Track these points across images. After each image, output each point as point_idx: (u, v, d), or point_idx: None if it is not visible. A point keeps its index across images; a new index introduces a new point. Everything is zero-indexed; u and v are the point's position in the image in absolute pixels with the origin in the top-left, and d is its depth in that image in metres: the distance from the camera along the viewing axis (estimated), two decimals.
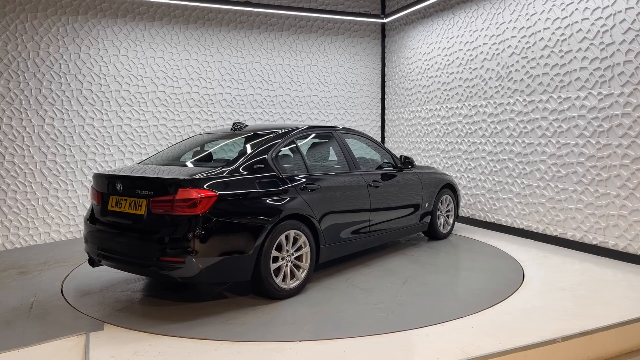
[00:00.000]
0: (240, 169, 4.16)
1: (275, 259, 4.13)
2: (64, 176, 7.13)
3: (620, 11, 5.08)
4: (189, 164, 4.56)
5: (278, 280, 4.13)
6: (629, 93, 5.03)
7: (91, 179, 7.21)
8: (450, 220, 6.52)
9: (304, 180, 4.51)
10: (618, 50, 5.12)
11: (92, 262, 4.38)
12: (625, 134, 5.09)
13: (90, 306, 4.11)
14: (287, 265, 4.22)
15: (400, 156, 5.91)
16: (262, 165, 4.31)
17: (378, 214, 5.27)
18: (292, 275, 4.28)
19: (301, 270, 4.35)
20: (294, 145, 4.79)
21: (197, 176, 3.89)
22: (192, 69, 7.90)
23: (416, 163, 6.26)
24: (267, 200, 4.13)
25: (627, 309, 3.80)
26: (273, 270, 4.09)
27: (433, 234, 6.30)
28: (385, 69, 9.38)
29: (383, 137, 9.48)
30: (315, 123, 8.80)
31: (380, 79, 9.41)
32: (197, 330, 3.58)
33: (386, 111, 9.42)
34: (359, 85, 9.22)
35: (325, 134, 5.31)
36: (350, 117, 9.17)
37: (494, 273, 4.87)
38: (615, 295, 4.13)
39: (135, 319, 3.79)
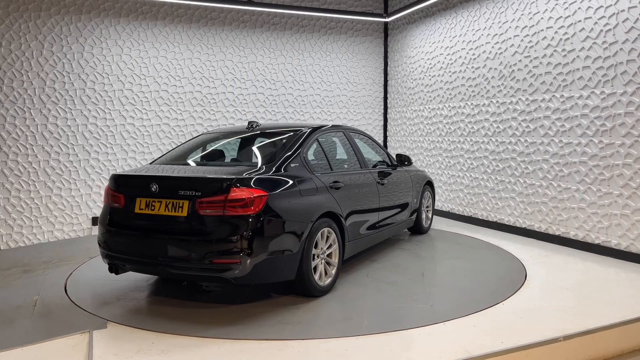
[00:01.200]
0: (281, 169, 4.17)
1: (312, 257, 4.17)
2: (67, 175, 7.15)
3: (623, 10, 5.08)
4: (225, 163, 4.58)
5: (316, 277, 4.18)
6: (632, 92, 5.02)
7: (106, 179, 7.29)
8: (430, 215, 6.86)
9: (331, 178, 4.62)
10: (621, 49, 5.11)
11: (116, 269, 4.12)
12: (628, 133, 5.08)
13: (93, 304, 4.12)
14: (321, 263, 4.27)
15: (397, 154, 6.06)
16: (297, 164, 4.35)
17: (384, 211, 5.47)
18: (325, 273, 4.33)
19: (332, 267, 4.40)
20: (318, 144, 4.86)
21: (246, 175, 3.84)
22: (195, 68, 7.91)
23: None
24: (308, 199, 4.20)
25: (629, 308, 3.79)
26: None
27: (417, 229, 6.55)
28: (388, 68, 9.37)
29: (385, 136, 9.48)
30: (318, 122, 8.80)
31: (382, 78, 9.41)
32: (201, 329, 3.59)
33: (389, 110, 9.42)
34: (362, 84, 9.22)
35: (338, 133, 5.37)
36: (353, 117, 9.17)
37: (496, 272, 4.88)
38: (618, 295, 4.13)
39: (138, 317, 3.80)
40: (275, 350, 3.20)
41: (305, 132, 4.73)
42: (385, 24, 9.32)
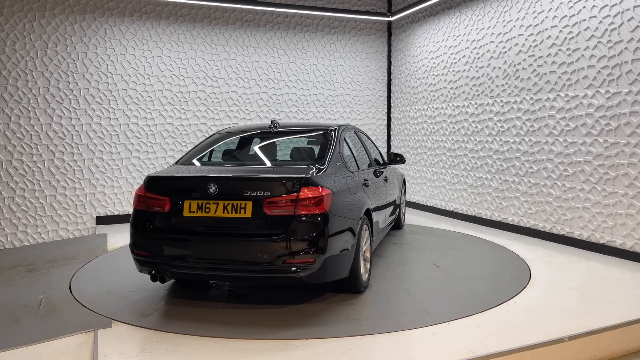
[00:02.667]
0: (329, 167, 4.17)
1: None
2: (72, 174, 7.17)
3: (628, 9, 5.05)
4: (275, 162, 4.57)
5: (361, 273, 4.22)
6: (637, 91, 5.00)
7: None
8: (404, 210, 7.09)
9: (361, 175, 4.72)
10: (626, 48, 5.09)
11: (162, 278, 3.90)
12: (633, 132, 5.06)
13: (98, 303, 4.13)
14: (362, 259, 4.29)
15: (390, 152, 6.14)
16: (339, 163, 4.38)
17: (389, 207, 5.70)
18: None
19: (367, 262, 4.45)
20: (345, 142, 4.89)
21: (312, 174, 3.81)
22: (199, 67, 7.92)
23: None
24: (355, 196, 4.27)
25: (634, 308, 3.78)
26: None
27: (397, 225, 6.77)
28: (392, 67, 9.36)
29: (389, 136, 9.47)
30: (327, 121, 8.81)
31: (386, 77, 9.40)
32: (204, 328, 3.59)
33: (392, 109, 9.41)
34: (365, 83, 9.21)
35: (351, 132, 5.42)
36: (357, 116, 9.17)
37: (501, 272, 4.87)
38: (623, 295, 4.11)
39: (143, 317, 3.81)
40: (279, 350, 3.20)
41: (335, 130, 4.73)
42: (389, 23, 9.30)
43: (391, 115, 9.44)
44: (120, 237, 6.56)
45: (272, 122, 4.81)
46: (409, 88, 8.85)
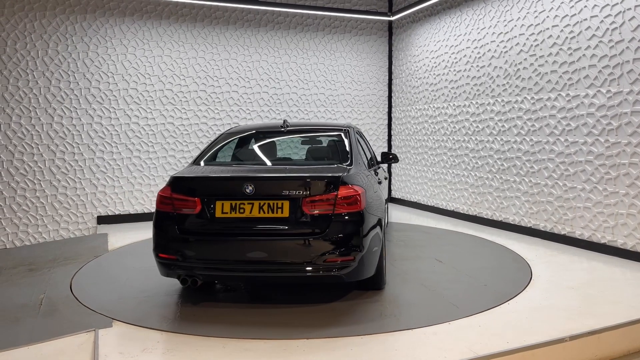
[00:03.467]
0: (354, 166, 4.20)
1: None
2: (73, 174, 7.18)
3: (629, 8, 5.04)
4: (299, 162, 4.62)
5: (384, 270, 4.28)
6: (638, 91, 4.99)
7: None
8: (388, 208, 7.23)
9: (376, 174, 4.82)
10: (627, 47, 5.08)
11: (194, 282, 3.82)
12: (634, 132, 5.05)
13: (99, 303, 4.13)
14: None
15: (384, 152, 6.16)
16: (360, 162, 4.43)
17: (385, 204, 5.74)
18: None
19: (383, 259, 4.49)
20: (357, 141, 4.92)
21: (346, 173, 3.84)
22: (200, 67, 7.92)
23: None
24: (378, 194, 4.33)
25: (635, 308, 3.77)
26: None
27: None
28: (392, 67, 9.36)
29: (390, 135, 9.46)
30: (328, 121, 8.80)
31: (387, 77, 9.40)
32: (207, 328, 3.59)
33: (393, 109, 9.40)
34: (366, 83, 9.21)
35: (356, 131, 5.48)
36: (357, 115, 9.16)
37: (501, 271, 4.86)
38: (624, 294, 4.11)
39: (144, 316, 3.81)
40: (279, 350, 3.20)
41: (349, 130, 4.78)
42: (390, 22, 9.30)
43: (392, 114, 9.43)
44: (121, 237, 6.56)
45: (284, 121, 4.78)
46: (409, 87, 8.85)
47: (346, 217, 3.65)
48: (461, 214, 7.62)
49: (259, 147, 4.97)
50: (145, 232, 6.86)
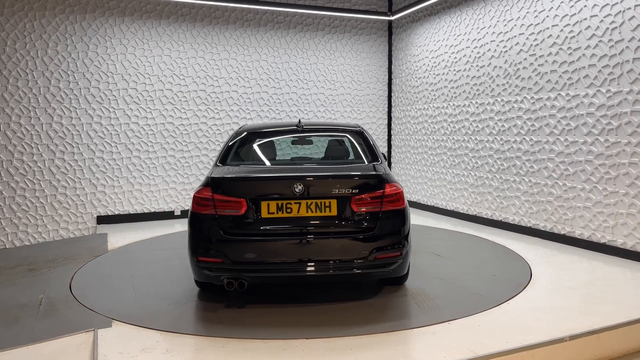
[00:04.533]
0: (383, 165, 4.27)
1: None
2: (72, 174, 7.18)
3: (629, 8, 5.04)
4: (337, 160, 4.58)
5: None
6: (638, 90, 4.99)
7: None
8: None
9: None
10: (627, 47, 5.08)
11: (241, 284, 3.70)
12: (634, 131, 5.05)
13: (98, 303, 4.13)
14: None
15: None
16: (384, 161, 4.48)
17: None
18: None
19: None
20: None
21: (386, 171, 3.95)
22: (199, 67, 7.92)
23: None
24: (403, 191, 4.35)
25: (635, 308, 3.77)
26: None
27: None
28: (392, 67, 9.35)
29: (390, 135, 9.46)
30: (335, 121, 8.80)
31: (387, 77, 9.39)
32: (206, 327, 3.59)
33: (393, 109, 9.40)
34: (366, 83, 9.20)
35: None
36: (357, 115, 9.16)
37: (501, 271, 4.86)
38: (624, 294, 4.11)
39: (143, 316, 3.81)
40: (279, 350, 3.20)
41: (363, 129, 4.85)
42: (390, 22, 9.29)
43: (392, 114, 9.43)
44: (120, 237, 6.56)
45: (299, 121, 4.75)
46: (409, 87, 8.84)
47: (392, 215, 3.76)
48: (461, 213, 7.62)
49: (280, 146, 4.97)
50: (144, 232, 6.86)
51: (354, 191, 3.69)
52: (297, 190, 3.66)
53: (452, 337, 3.34)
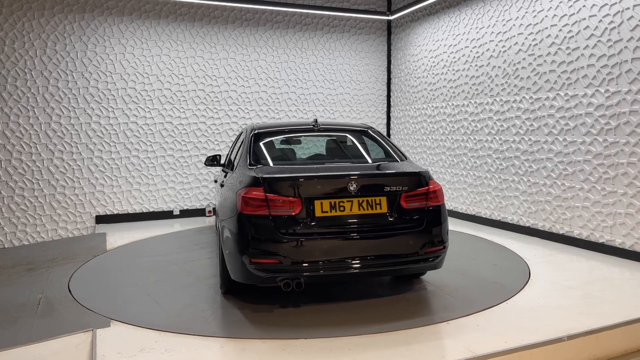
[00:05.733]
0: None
1: None
2: (71, 173, 7.17)
3: (628, 8, 5.04)
4: (371, 160, 4.59)
5: None
6: (637, 90, 4.99)
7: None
8: None
9: None
10: (626, 47, 5.08)
11: (298, 284, 3.62)
12: (632, 131, 5.05)
13: (97, 303, 4.13)
14: None
15: None
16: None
17: None
18: None
19: None
20: None
21: (424, 169, 4.07)
22: (198, 66, 7.91)
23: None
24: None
25: (634, 308, 3.78)
26: None
27: None
28: (391, 66, 9.35)
29: (389, 135, 9.46)
30: (343, 121, 8.80)
31: (386, 76, 9.39)
32: (205, 327, 3.59)
33: (392, 108, 9.40)
34: (365, 82, 9.20)
35: None
36: (356, 115, 9.16)
37: (500, 271, 4.86)
38: (622, 294, 4.11)
39: (142, 316, 3.81)
40: (278, 349, 3.20)
41: (374, 129, 4.95)
42: (389, 22, 9.29)
43: (390, 114, 9.43)
44: (119, 237, 6.56)
45: (315, 120, 4.75)
46: (408, 87, 8.85)
47: (435, 210, 3.94)
48: (460, 213, 7.62)
49: (298, 145, 5.01)
50: (143, 232, 6.86)
51: (403, 188, 3.83)
52: (351, 188, 3.72)
53: (451, 337, 3.34)
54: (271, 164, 4.24)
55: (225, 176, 5.28)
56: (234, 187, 4.02)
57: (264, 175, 3.75)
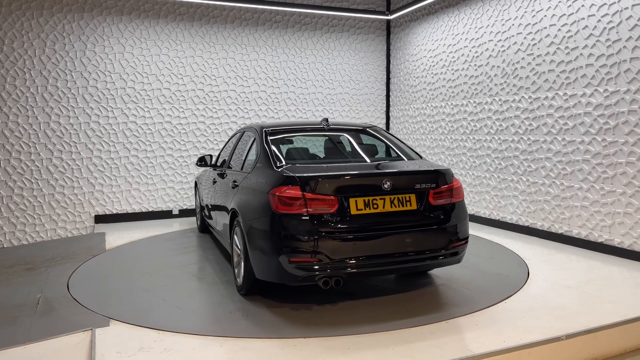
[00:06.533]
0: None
1: None
2: (70, 173, 7.17)
3: (626, 7, 5.05)
4: (391, 158, 4.68)
5: None
6: (636, 90, 5.00)
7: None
8: None
9: None
10: (624, 47, 5.09)
11: (337, 282, 3.66)
12: (631, 131, 5.06)
13: (96, 302, 4.13)
14: None
15: None
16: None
17: None
18: None
19: None
20: None
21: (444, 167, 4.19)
22: (197, 66, 7.91)
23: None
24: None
25: (632, 307, 3.78)
26: None
27: None
28: (390, 66, 9.36)
29: None
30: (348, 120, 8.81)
31: (385, 76, 9.40)
32: (204, 327, 3.59)
33: (391, 108, 9.40)
34: (364, 82, 9.21)
35: None
36: (355, 114, 9.16)
37: (499, 270, 4.87)
38: (621, 293, 4.12)
39: (141, 315, 3.81)
40: (276, 349, 3.20)
41: (380, 128, 5.05)
42: (388, 21, 9.29)
43: (390, 113, 9.43)
44: (118, 236, 6.56)
45: (326, 120, 4.80)
46: (407, 87, 8.85)
47: (459, 205, 4.07)
48: None
49: (329, 146, 5.01)
50: (142, 231, 6.86)
51: (432, 185, 3.93)
52: (386, 186, 3.80)
53: (450, 336, 3.35)
54: (297, 163, 4.21)
55: (222, 177, 5.27)
56: (260, 187, 3.97)
57: (302, 175, 3.74)
